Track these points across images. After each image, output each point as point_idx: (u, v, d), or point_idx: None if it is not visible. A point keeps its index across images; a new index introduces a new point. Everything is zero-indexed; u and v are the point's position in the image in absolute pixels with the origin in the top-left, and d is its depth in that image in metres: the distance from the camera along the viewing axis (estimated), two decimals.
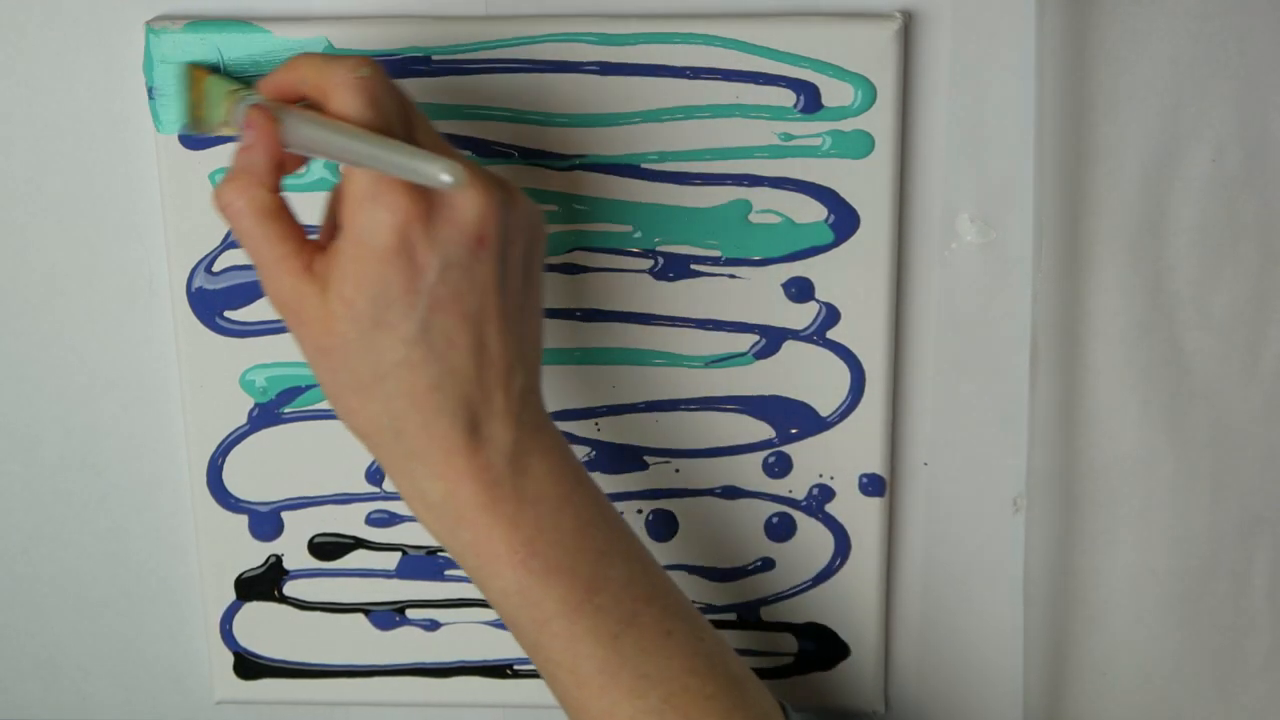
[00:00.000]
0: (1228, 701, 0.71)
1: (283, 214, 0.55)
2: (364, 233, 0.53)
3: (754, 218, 0.65)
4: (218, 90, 0.59)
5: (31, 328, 0.68)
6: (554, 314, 0.66)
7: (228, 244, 0.66)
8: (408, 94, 0.56)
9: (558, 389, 0.67)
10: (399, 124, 0.54)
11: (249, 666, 0.71)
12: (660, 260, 0.66)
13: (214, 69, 0.61)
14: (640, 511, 0.69)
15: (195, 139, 0.64)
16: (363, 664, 0.71)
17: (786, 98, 0.63)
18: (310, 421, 0.68)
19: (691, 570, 0.70)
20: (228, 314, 0.66)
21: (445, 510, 0.55)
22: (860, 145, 0.64)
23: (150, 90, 0.63)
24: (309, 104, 0.55)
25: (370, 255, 0.52)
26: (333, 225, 0.55)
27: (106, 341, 0.68)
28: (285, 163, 0.55)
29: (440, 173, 0.51)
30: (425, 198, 0.52)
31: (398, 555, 0.70)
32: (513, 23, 0.63)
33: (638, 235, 0.65)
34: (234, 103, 0.57)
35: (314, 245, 0.54)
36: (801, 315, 0.66)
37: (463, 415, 0.54)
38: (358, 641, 0.71)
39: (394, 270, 0.52)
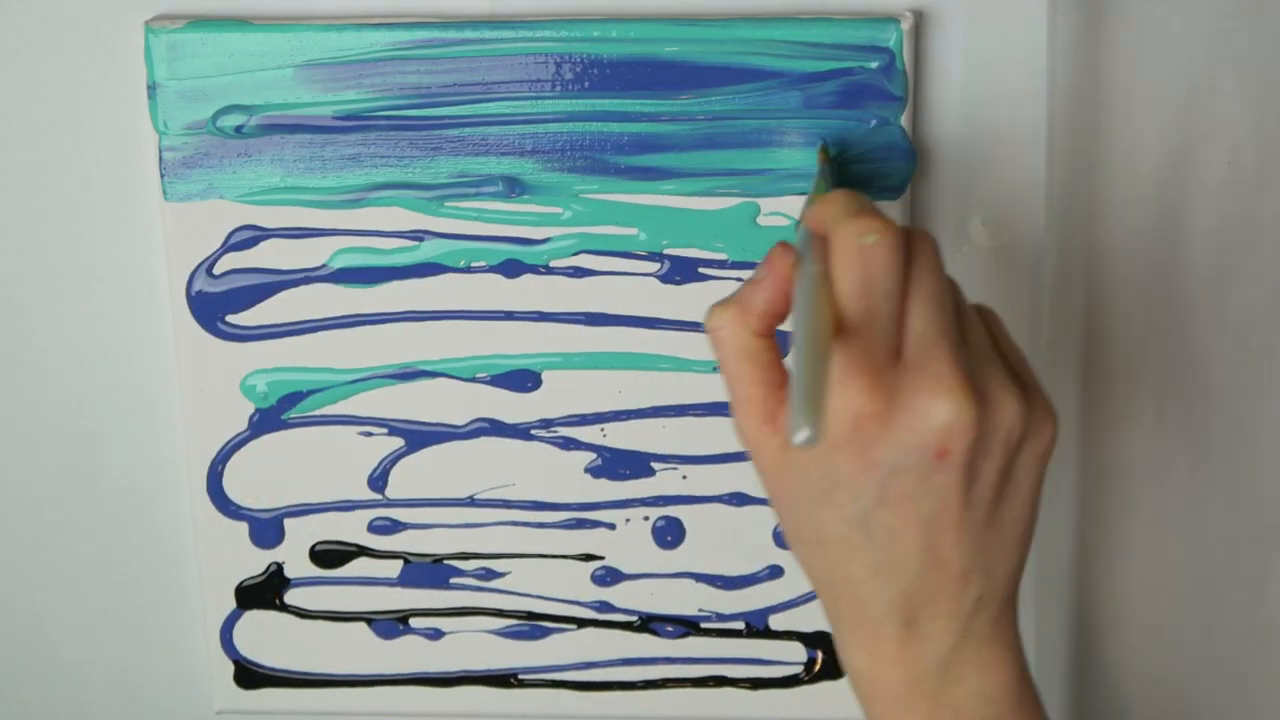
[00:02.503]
0: (1245, 713, 0.71)
1: (763, 357, 0.52)
2: None
3: (762, 220, 0.65)
4: (818, 185, 0.59)
5: (28, 331, 0.68)
6: (558, 317, 0.66)
7: (229, 246, 0.65)
8: (954, 288, 0.53)
9: (562, 394, 0.67)
10: (884, 310, 0.50)
11: (249, 676, 0.71)
12: (667, 263, 0.66)
13: (837, 153, 0.62)
14: (647, 519, 0.69)
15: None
16: (365, 674, 0.71)
17: (794, 98, 0.63)
18: (312, 427, 0.68)
19: (699, 578, 0.69)
20: (229, 318, 0.66)
21: (861, 679, 0.54)
22: None
23: (150, 90, 0.63)
24: None
25: (823, 438, 0.49)
26: None
27: (104, 345, 0.68)
28: (785, 311, 0.53)
29: (795, 430, 0.46)
30: (886, 395, 0.49)
31: (400, 563, 0.69)
32: (516, 23, 0.63)
33: (644, 238, 0.65)
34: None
35: (784, 396, 0.52)
36: None
37: (899, 606, 0.52)
38: (360, 651, 0.70)
39: (844, 458, 0.50)
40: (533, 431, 0.67)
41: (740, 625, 0.70)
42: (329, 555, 0.69)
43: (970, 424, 0.49)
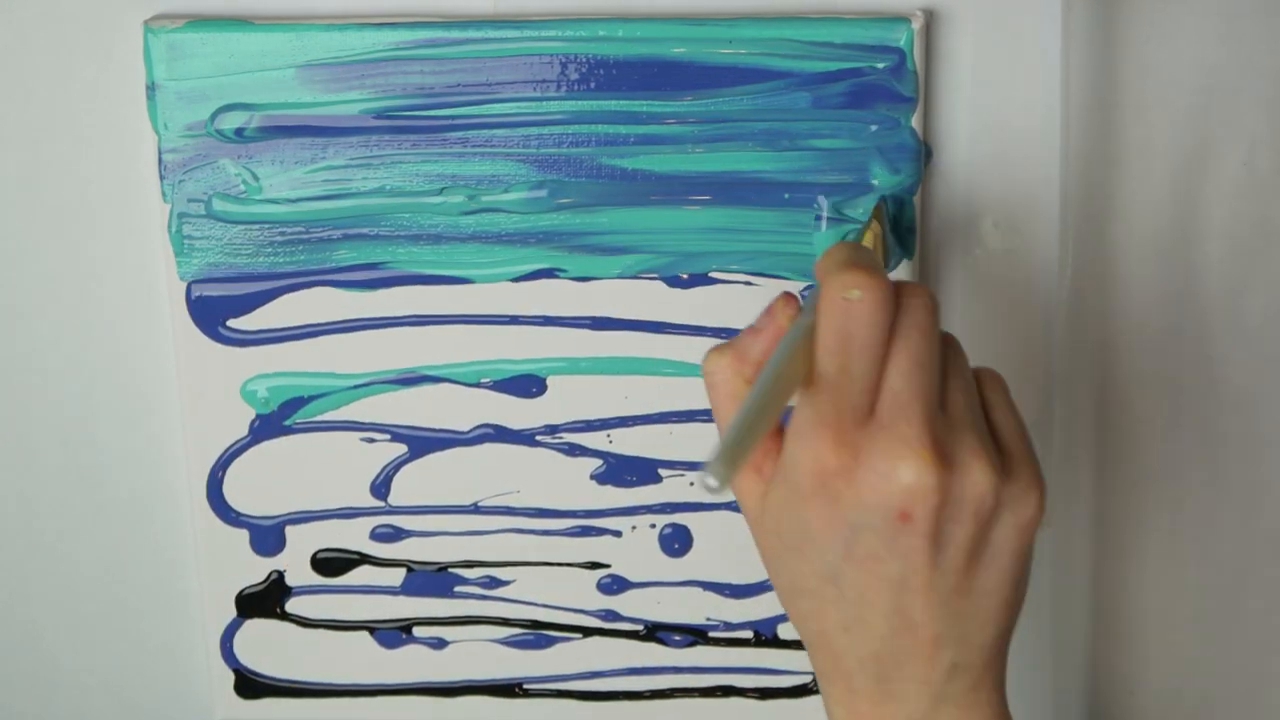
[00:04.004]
0: None
1: None
2: (788, 463, 0.51)
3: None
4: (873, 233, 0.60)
5: (25, 335, 0.68)
6: (563, 322, 0.66)
7: None
8: (950, 345, 0.54)
9: (568, 400, 0.67)
10: (861, 367, 0.51)
11: (250, 685, 0.71)
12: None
13: (899, 204, 0.63)
14: (654, 526, 0.68)
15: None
16: (367, 683, 0.71)
17: (803, 99, 0.63)
18: (313, 433, 0.67)
19: (707, 586, 0.69)
20: (229, 322, 0.66)
21: None
22: None
23: (149, 91, 0.62)
24: None
25: (792, 488, 0.51)
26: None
27: (103, 350, 0.68)
28: None
29: (707, 473, 0.48)
30: (852, 452, 0.50)
31: (403, 571, 0.69)
32: (520, 23, 0.62)
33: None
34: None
35: (773, 445, 0.53)
36: None
37: (871, 665, 0.53)
38: (362, 660, 0.70)
39: (813, 512, 0.51)
40: (538, 437, 0.67)
41: (749, 634, 0.70)
42: (331, 563, 0.69)
43: (932, 489, 0.50)
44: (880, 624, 0.52)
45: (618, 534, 0.68)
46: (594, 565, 0.69)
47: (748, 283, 0.65)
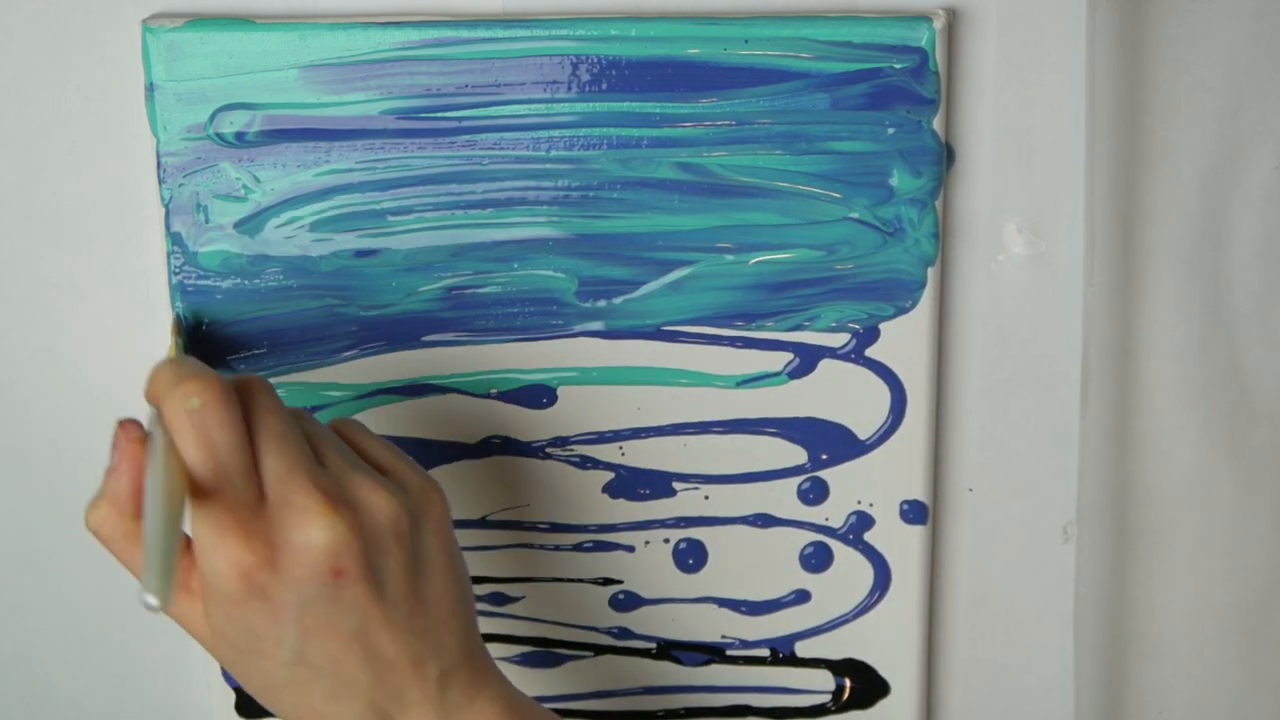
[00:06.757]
0: None
1: None
2: (211, 579, 0.54)
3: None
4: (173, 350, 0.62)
5: (20, 343, 0.67)
6: (576, 333, 0.65)
7: None
8: (300, 416, 0.57)
9: (578, 411, 0.66)
10: (234, 462, 0.54)
11: (251, 706, 0.69)
12: None
13: (195, 326, 0.64)
14: (668, 541, 0.68)
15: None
16: None
17: (821, 100, 0.63)
18: None
19: (722, 603, 0.69)
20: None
21: None
22: None
23: (148, 91, 0.62)
24: None
25: (223, 598, 0.54)
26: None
27: (100, 359, 0.67)
28: None
29: (144, 594, 0.50)
30: (264, 540, 0.53)
31: None
32: (530, 22, 0.62)
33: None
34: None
35: (189, 561, 0.56)
36: (838, 332, 0.66)
37: (371, 715, 0.56)
38: None
39: (252, 612, 0.54)
40: (548, 450, 0.67)
41: (765, 652, 0.70)
42: None
43: (349, 537, 0.54)
44: (361, 676, 0.55)
45: (630, 549, 0.68)
46: (606, 581, 0.68)
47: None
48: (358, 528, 0.54)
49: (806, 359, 0.66)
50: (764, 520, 0.68)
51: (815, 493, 0.67)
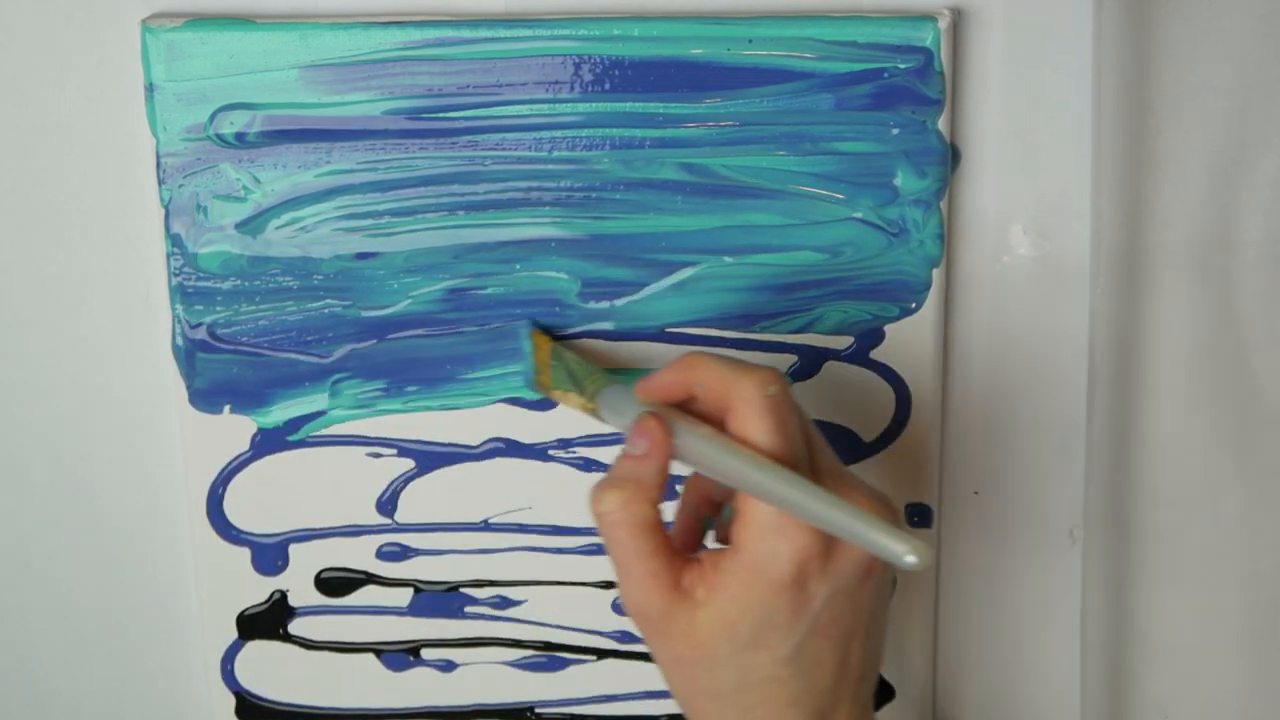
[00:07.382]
0: None
1: (659, 528, 0.56)
2: (762, 561, 0.54)
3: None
4: (577, 369, 0.61)
5: (19, 346, 0.67)
6: (583, 333, 0.65)
7: None
8: (803, 410, 0.57)
9: (580, 413, 0.65)
10: (802, 448, 0.56)
11: (252, 710, 0.70)
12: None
13: (557, 337, 0.64)
14: None
15: None
16: (373, 708, 0.70)
17: (826, 100, 0.63)
18: (317, 448, 0.67)
19: None
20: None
21: None
22: None
23: (148, 92, 0.62)
24: (696, 409, 0.57)
25: (765, 583, 0.54)
26: (689, 527, 0.60)
27: (100, 361, 0.67)
28: (667, 480, 0.57)
29: (906, 554, 0.51)
30: (823, 532, 0.54)
31: (411, 591, 0.69)
32: (532, 22, 0.62)
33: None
34: (601, 387, 0.60)
35: (682, 559, 0.56)
36: (842, 334, 0.66)
37: (811, 718, 0.57)
38: (368, 683, 0.70)
39: (784, 599, 0.54)
40: (550, 452, 0.67)
41: None
42: (335, 583, 0.69)
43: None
44: (827, 680, 0.56)
45: None
46: (609, 584, 0.68)
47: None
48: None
49: (810, 361, 0.66)
50: None
51: None
